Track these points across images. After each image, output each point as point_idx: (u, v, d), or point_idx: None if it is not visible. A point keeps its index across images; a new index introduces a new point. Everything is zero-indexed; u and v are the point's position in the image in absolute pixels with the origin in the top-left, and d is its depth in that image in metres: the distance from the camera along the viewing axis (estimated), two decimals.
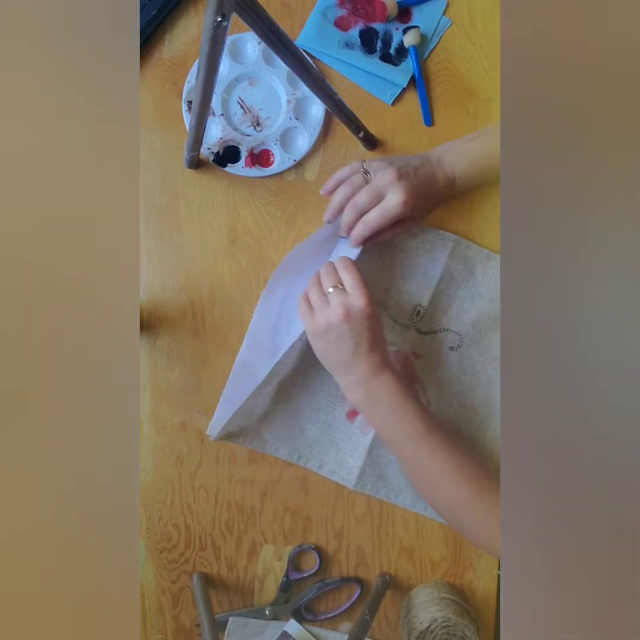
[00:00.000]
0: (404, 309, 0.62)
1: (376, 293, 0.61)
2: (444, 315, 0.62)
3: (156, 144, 0.64)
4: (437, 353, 0.62)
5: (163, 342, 0.63)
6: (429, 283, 0.61)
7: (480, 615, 0.62)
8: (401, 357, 0.61)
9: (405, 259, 0.62)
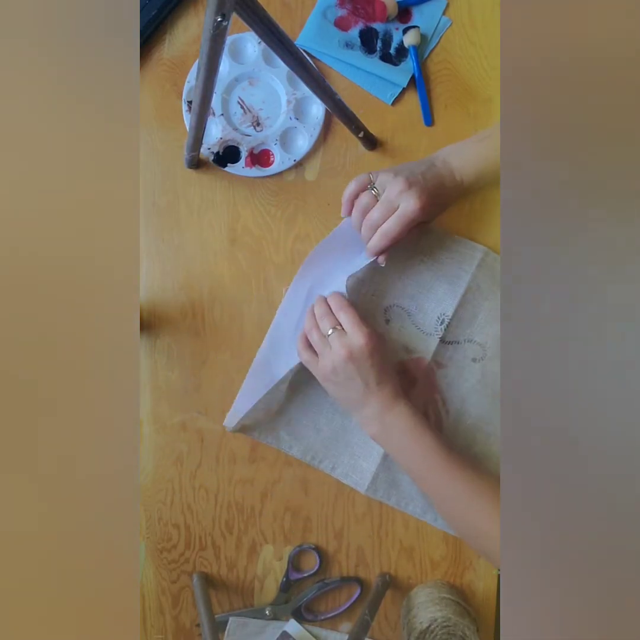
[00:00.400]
0: (428, 317, 0.61)
1: (401, 299, 0.61)
2: (468, 326, 0.62)
3: (156, 144, 0.64)
4: (459, 364, 0.62)
5: (163, 342, 0.63)
6: (456, 293, 0.61)
7: (480, 615, 0.62)
8: (422, 366, 0.61)
9: (433, 267, 0.61)
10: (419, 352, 0.61)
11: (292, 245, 0.63)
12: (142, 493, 0.63)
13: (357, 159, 0.63)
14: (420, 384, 0.61)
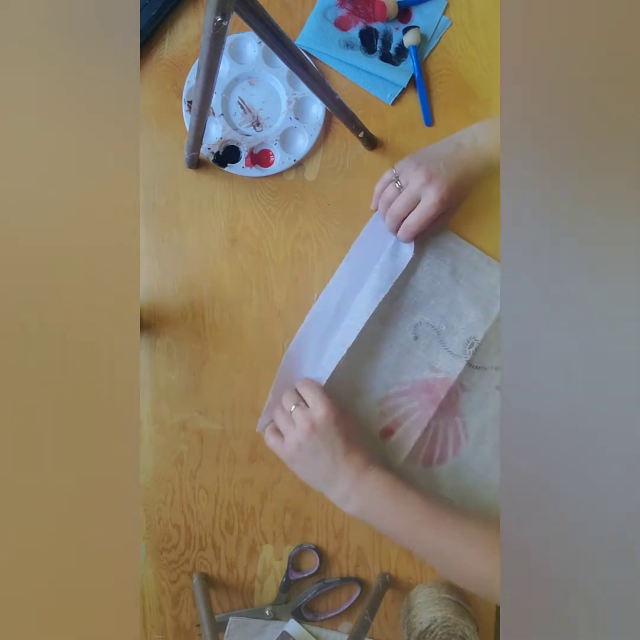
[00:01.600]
0: (457, 339, 0.61)
1: (432, 317, 0.61)
2: (497, 353, 0.61)
3: (156, 144, 0.64)
4: (484, 390, 0.61)
5: (163, 342, 0.63)
6: (488, 318, 0.61)
7: (480, 615, 0.62)
8: (446, 387, 0.61)
9: (468, 290, 0.61)
10: (444, 373, 0.61)
11: (292, 245, 0.63)
12: (142, 493, 0.63)
13: (357, 159, 0.63)
14: (444, 405, 0.61)
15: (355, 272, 0.61)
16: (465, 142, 0.55)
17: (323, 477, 0.54)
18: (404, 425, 0.61)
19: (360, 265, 0.61)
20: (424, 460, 0.61)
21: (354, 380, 0.61)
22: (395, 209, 0.55)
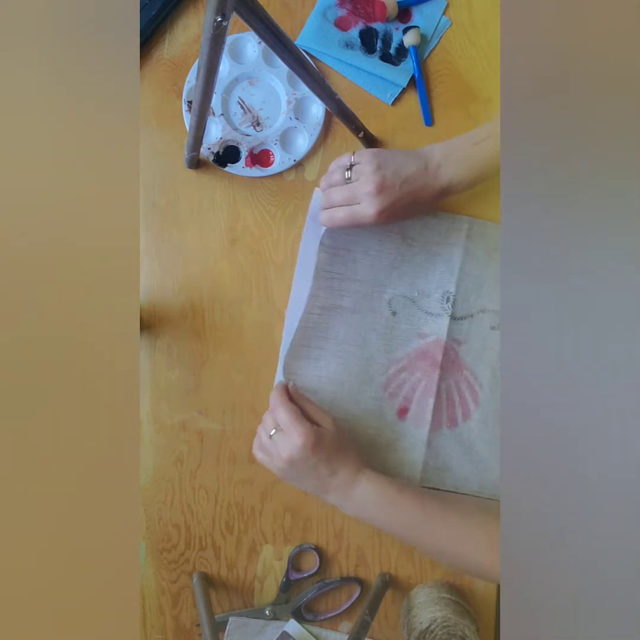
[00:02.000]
0: (432, 299, 0.61)
1: (402, 288, 0.61)
2: (478, 297, 0.62)
3: (156, 144, 0.64)
4: (479, 335, 0.62)
5: (163, 342, 0.63)
6: (452, 268, 0.61)
7: (480, 615, 0.62)
8: (440, 347, 0.61)
9: (423, 249, 0.62)
10: (433, 335, 0.61)
11: (292, 245, 0.63)
12: (142, 493, 0.63)
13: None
14: (446, 365, 0.61)
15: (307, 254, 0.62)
16: (430, 166, 0.54)
17: (314, 491, 0.55)
18: (415, 399, 0.61)
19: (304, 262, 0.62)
20: (449, 423, 0.62)
21: (351, 375, 0.61)
22: (332, 195, 0.54)
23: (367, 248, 0.61)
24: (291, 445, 0.51)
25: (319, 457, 0.52)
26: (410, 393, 0.61)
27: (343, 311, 0.61)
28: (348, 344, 0.61)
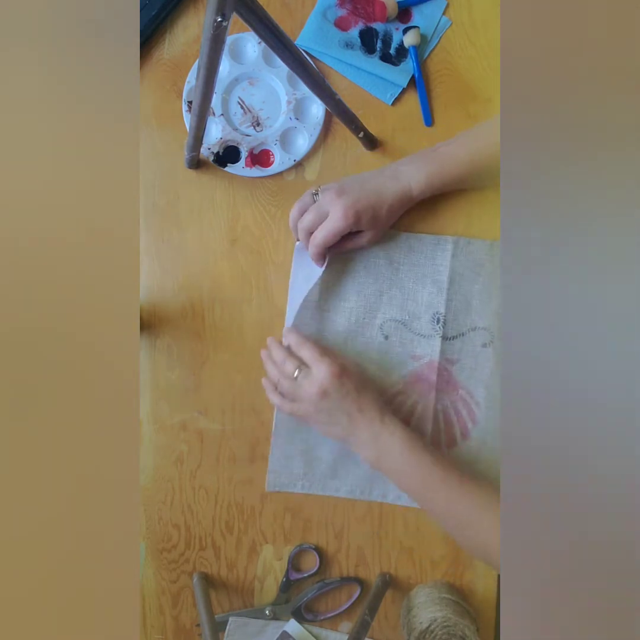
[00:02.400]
0: (423, 320, 0.62)
1: (392, 312, 0.62)
2: (467, 315, 0.62)
3: (156, 144, 0.64)
4: (471, 353, 0.62)
5: (163, 342, 0.63)
6: (440, 289, 0.61)
7: (480, 615, 0.62)
8: (434, 368, 0.62)
9: (410, 272, 0.62)
10: (426, 356, 0.62)
11: (292, 245, 0.63)
12: (142, 493, 0.63)
13: (357, 159, 0.63)
14: (441, 386, 0.61)
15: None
16: (386, 171, 0.57)
17: (342, 434, 0.55)
18: (413, 422, 0.62)
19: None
20: (448, 444, 0.62)
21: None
22: (304, 221, 0.56)
23: (353, 276, 0.62)
24: (321, 376, 0.53)
25: (348, 387, 0.53)
26: (408, 416, 0.62)
27: (335, 339, 0.62)
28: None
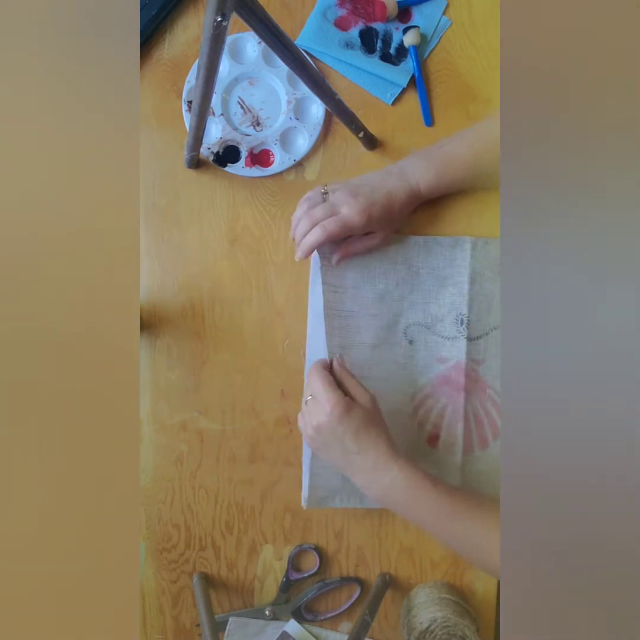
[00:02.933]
0: (446, 322, 0.62)
1: (415, 317, 0.62)
2: (489, 315, 0.62)
3: (156, 144, 0.64)
4: (495, 352, 0.62)
5: (163, 342, 0.63)
6: (462, 290, 0.61)
7: (480, 615, 0.62)
8: (462, 370, 0.61)
9: (430, 275, 0.62)
10: (452, 359, 0.61)
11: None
12: (142, 493, 0.63)
13: (357, 159, 0.63)
14: (469, 387, 0.61)
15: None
16: (393, 171, 0.57)
17: (341, 468, 0.54)
18: (444, 425, 0.61)
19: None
20: (481, 445, 0.62)
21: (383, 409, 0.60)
22: (314, 213, 0.56)
23: (373, 283, 0.61)
24: (320, 411, 0.51)
25: (345, 428, 0.50)
26: (438, 420, 0.61)
27: (363, 347, 0.61)
28: (373, 379, 0.60)
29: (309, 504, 0.60)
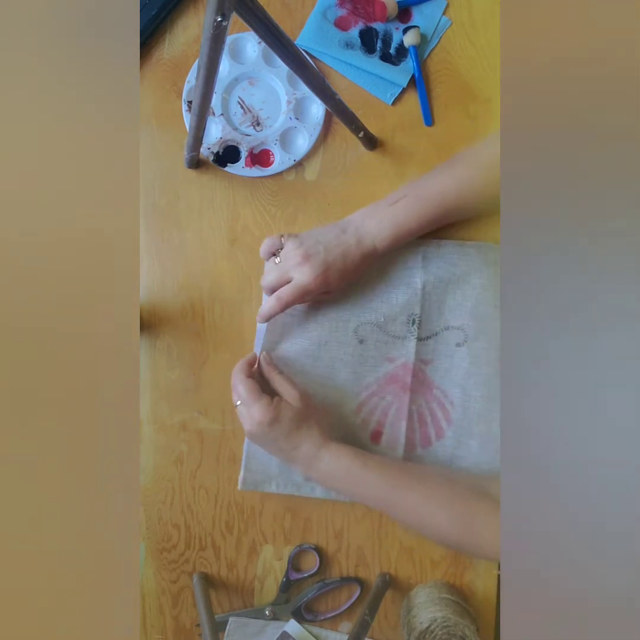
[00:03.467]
0: (398, 322, 0.61)
1: (366, 316, 0.62)
2: (440, 315, 0.62)
3: (156, 144, 0.64)
4: (445, 353, 0.62)
5: (163, 342, 0.63)
6: (415, 290, 0.61)
7: (480, 615, 0.62)
8: (409, 370, 0.61)
9: (384, 277, 0.62)
10: (401, 358, 0.62)
11: None
12: (142, 493, 0.63)
13: (357, 159, 0.63)
14: (415, 386, 0.61)
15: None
16: (349, 229, 0.56)
17: (283, 462, 0.59)
18: (388, 422, 0.62)
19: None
20: (423, 444, 0.62)
21: (323, 404, 0.61)
22: (266, 279, 0.57)
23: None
24: (250, 420, 0.54)
25: (277, 433, 0.54)
26: (382, 417, 0.62)
27: (309, 344, 0.61)
28: (317, 375, 0.61)
29: (244, 486, 0.61)
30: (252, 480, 0.61)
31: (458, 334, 0.62)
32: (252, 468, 0.61)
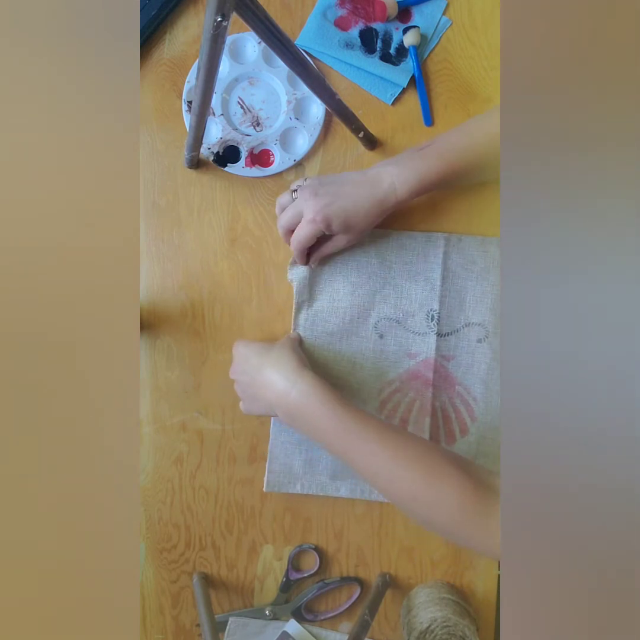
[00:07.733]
0: (417, 318, 0.62)
1: (386, 311, 0.62)
2: (460, 311, 0.62)
3: (156, 144, 0.64)
4: (467, 349, 0.62)
5: (163, 342, 0.63)
6: (434, 286, 0.62)
7: (480, 615, 0.62)
8: (430, 365, 0.62)
9: (402, 269, 0.62)
10: (422, 354, 0.62)
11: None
12: (142, 493, 0.63)
13: (357, 159, 0.63)
14: (438, 382, 0.62)
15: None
16: (369, 172, 0.55)
17: (256, 387, 0.55)
18: (412, 419, 0.62)
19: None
20: (447, 441, 0.62)
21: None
22: (282, 220, 0.57)
23: (346, 275, 0.62)
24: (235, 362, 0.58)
25: (243, 386, 0.56)
26: (406, 414, 0.62)
27: (331, 339, 0.62)
28: (340, 372, 0.61)
29: (269, 487, 0.62)
30: (276, 482, 0.62)
31: (479, 330, 0.62)
32: (276, 469, 0.62)
